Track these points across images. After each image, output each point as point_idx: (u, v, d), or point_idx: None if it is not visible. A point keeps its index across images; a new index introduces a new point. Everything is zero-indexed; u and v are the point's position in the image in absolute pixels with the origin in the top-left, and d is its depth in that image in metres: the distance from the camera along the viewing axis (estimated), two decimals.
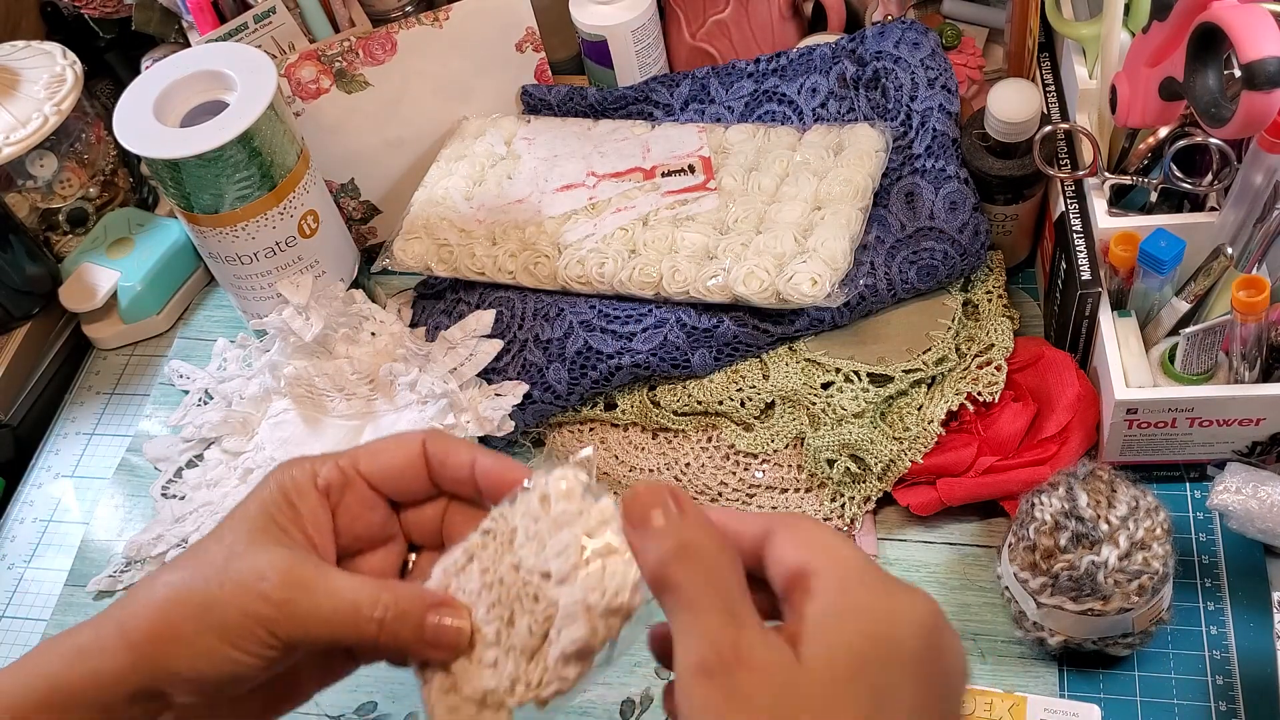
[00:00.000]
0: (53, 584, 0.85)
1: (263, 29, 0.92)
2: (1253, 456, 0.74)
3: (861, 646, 0.39)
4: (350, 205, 0.97)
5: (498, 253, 0.87)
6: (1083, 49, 0.81)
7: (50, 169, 0.98)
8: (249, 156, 0.80)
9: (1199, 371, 0.71)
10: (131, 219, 1.00)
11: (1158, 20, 0.67)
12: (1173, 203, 0.76)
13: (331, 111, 0.91)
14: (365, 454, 0.49)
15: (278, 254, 0.86)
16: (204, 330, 0.98)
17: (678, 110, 0.93)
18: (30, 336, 0.97)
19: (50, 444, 0.95)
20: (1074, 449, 0.75)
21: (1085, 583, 0.64)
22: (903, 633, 0.40)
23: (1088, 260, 0.74)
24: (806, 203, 0.82)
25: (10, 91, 0.96)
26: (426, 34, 0.91)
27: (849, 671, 0.39)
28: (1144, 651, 0.69)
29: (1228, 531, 0.72)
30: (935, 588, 0.74)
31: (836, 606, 0.40)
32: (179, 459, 0.89)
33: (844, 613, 0.40)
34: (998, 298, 0.83)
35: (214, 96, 0.84)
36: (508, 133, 0.94)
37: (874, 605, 0.41)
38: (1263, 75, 0.59)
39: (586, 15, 0.93)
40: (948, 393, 0.78)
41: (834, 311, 0.80)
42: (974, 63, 0.91)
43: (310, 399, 0.87)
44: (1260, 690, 0.67)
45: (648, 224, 0.85)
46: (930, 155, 0.83)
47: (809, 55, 0.90)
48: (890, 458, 0.76)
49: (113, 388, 0.97)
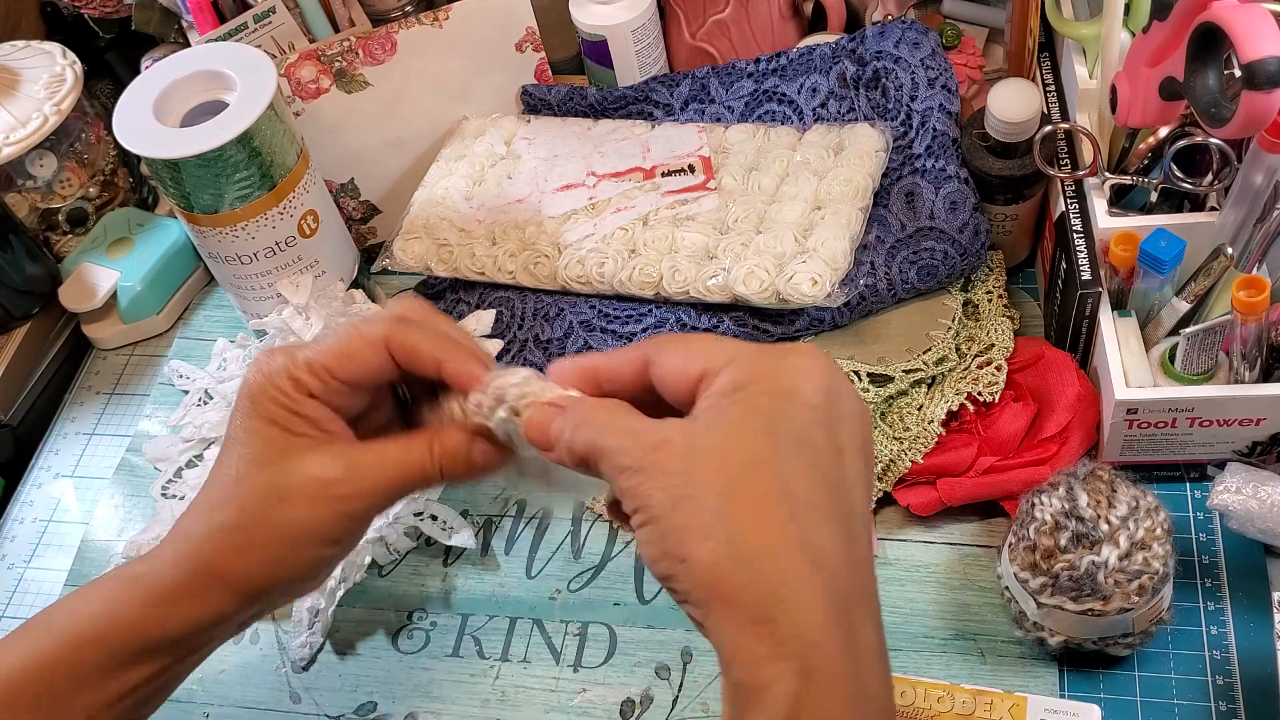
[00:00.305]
0: (53, 584, 0.85)
1: (262, 29, 0.92)
2: (1253, 456, 0.74)
3: (760, 402, 0.45)
4: (350, 205, 0.97)
5: (498, 253, 0.87)
6: (1083, 49, 0.81)
7: (50, 169, 0.98)
8: (249, 156, 0.80)
9: (1199, 371, 0.71)
10: (131, 219, 1.00)
11: (1158, 20, 0.67)
12: (1173, 203, 0.76)
13: (331, 111, 0.91)
14: (334, 360, 0.52)
15: (277, 254, 0.86)
16: (204, 330, 0.98)
17: (678, 110, 0.93)
18: (30, 336, 0.97)
19: (50, 444, 0.95)
20: (1074, 449, 0.75)
21: (1085, 583, 0.64)
22: (797, 383, 0.45)
23: (1088, 260, 0.74)
24: (806, 203, 0.82)
25: (10, 91, 0.96)
26: (426, 34, 0.91)
27: (748, 425, 0.44)
28: (1144, 652, 0.69)
29: (1228, 531, 0.72)
30: (935, 588, 0.74)
31: (732, 380, 0.46)
32: (179, 459, 0.89)
33: (739, 383, 0.45)
34: (998, 298, 0.83)
35: (214, 96, 0.84)
36: (508, 133, 0.94)
37: (765, 366, 0.46)
38: (1263, 75, 0.59)
39: (586, 15, 0.93)
40: (948, 393, 0.78)
41: (834, 311, 0.80)
42: (974, 62, 0.91)
43: None
44: (1260, 690, 0.67)
45: (648, 224, 0.85)
46: (930, 155, 0.83)
47: (809, 55, 0.90)
48: (890, 458, 0.76)
49: (113, 388, 0.97)
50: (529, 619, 0.77)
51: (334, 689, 0.76)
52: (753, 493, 0.44)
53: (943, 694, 0.66)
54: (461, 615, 0.78)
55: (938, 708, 0.65)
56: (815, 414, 0.45)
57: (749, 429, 0.44)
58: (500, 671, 0.75)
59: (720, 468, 0.44)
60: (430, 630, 0.78)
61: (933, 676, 0.69)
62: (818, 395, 0.46)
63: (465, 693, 0.75)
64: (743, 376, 0.46)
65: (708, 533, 0.43)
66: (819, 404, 0.45)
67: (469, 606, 0.78)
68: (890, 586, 0.74)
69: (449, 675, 0.76)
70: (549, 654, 0.76)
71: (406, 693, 0.75)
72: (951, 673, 0.70)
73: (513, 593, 0.79)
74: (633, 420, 0.47)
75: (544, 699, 0.74)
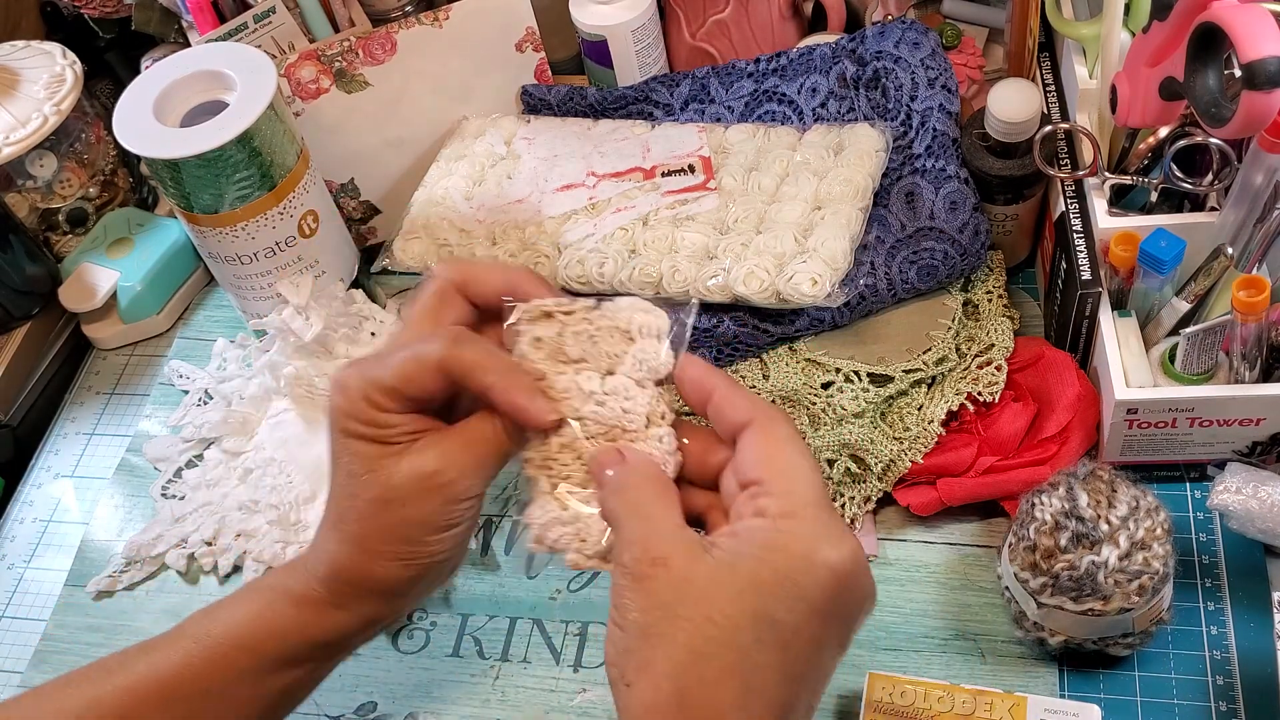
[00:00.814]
0: (52, 584, 0.85)
1: (262, 29, 0.92)
2: (1253, 456, 0.74)
3: (767, 579, 0.46)
4: (350, 205, 0.97)
5: (498, 253, 0.87)
6: (1083, 49, 0.81)
7: (50, 169, 0.98)
8: (249, 156, 0.80)
9: (1199, 371, 0.71)
10: (131, 219, 1.00)
11: (1158, 20, 0.67)
12: (1173, 203, 0.76)
13: (331, 111, 0.91)
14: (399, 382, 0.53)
15: (277, 254, 0.86)
16: (204, 330, 0.98)
17: (678, 110, 0.93)
18: (30, 336, 0.97)
19: (50, 444, 0.95)
20: (1074, 449, 0.75)
21: (1085, 583, 0.64)
22: (808, 580, 0.46)
23: (1088, 260, 0.74)
24: (807, 202, 0.82)
25: (10, 91, 0.96)
26: (426, 34, 0.91)
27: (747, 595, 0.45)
28: (1144, 652, 0.69)
29: (1228, 531, 0.72)
30: (935, 588, 0.74)
31: (763, 535, 0.47)
32: (179, 459, 0.89)
33: (767, 545, 0.47)
34: (998, 298, 0.83)
35: (214, 96, 0.84)
36: (508, 132, 0.94)
37: (794, 548, 0.46)
38: (1263, 75, 0.59)
39: (586, 15, 0.93)
40: (948, 393, 0.78)
41: (834, 311, 0.80)
42: (974, 62, 0.91)
43: (310, 399, 0.87)
44: (1260, 690, 0.67)
45: (648, 224, 0.85)
46: (930, 155, 0.83)
47: (809, 55, 0.90)
48: (890, 458, 0.76)
49: (112, 388, 0.97)
50: (529, 619, 0.77)
51: (334, 689, 0.76)
52: (715, 666, 0.45)
53: (943, 694, 0.66)
54: (461, 615, 0.78)
55: (938, 708, 0.65)
56: (815, 611, 0.46)
57: (746, 600, 0.45)
58: (500, 671, 0.75)
59: (698, 626, 0.45)
60: (430, 630, 0.78)
61: (933, 676, 0.69)
62: (828, 597, 0.46)
63: (465, 693, 0.75)
64: (780, 538, 0.47)
65: (659, 679, 0.45)
66: (826, 606, 0.46)
67: (469, 606, 0.78)
68: (891, 586, 0.74)
69: (449, 675, 0.76)
70: (549, 654, 0.76)
71: (406, 693, 0.75)
72: (951, 673, 0.70)
73: (513, 593, 0.79)
74: (660, 512, 0.49)
75: (544, 699, 0.74)
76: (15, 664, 0.82)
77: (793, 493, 0.48)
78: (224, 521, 0.83)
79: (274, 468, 0.84)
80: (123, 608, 0.83)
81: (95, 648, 0.81)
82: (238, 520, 0.83)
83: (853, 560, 0.47)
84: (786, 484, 0.48)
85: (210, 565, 0.83)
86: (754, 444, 0.50)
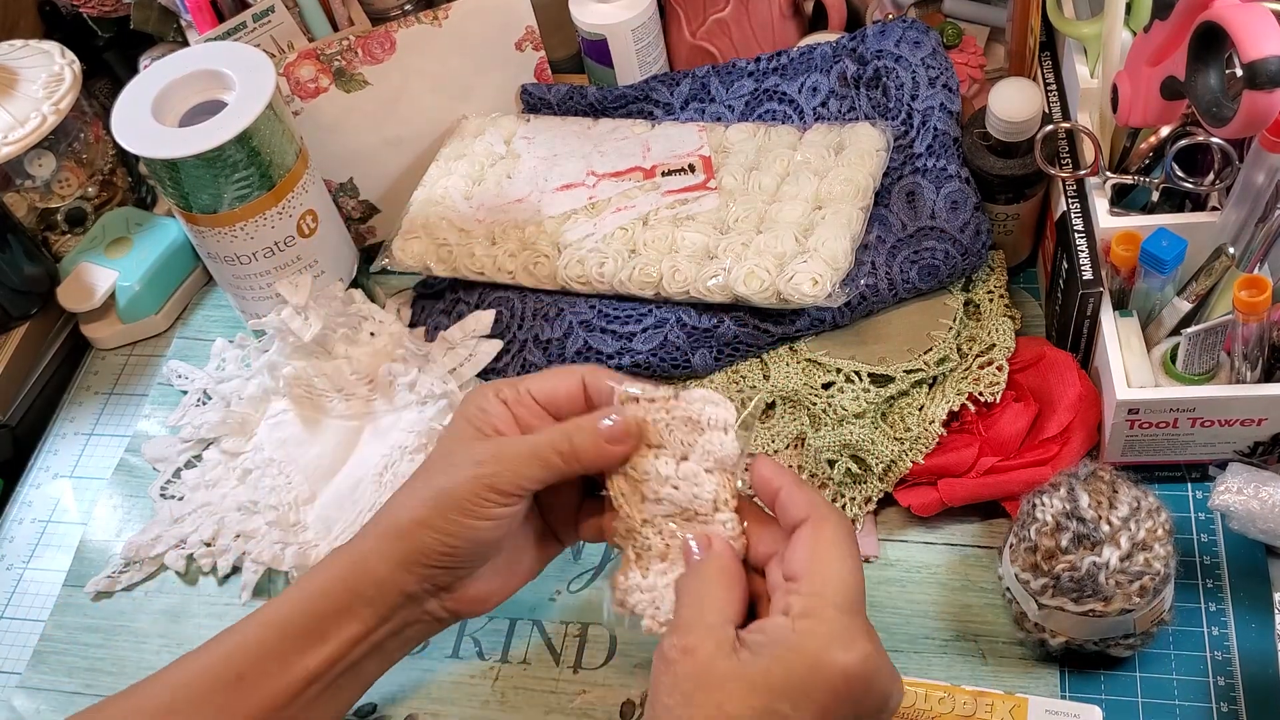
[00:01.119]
0: (51, 584, 0.85)
1: (261, 28, 0.91)
2: (1254, 457, 0.73)
3: (778, 677, 0.50)
4: (349, 205, 0.97)
5: (497, 252, 0.87)
6: (1084, 48, 0.80)
7: (48, 168, 0.98)
8: (247, 156, 0.80)
9: (1201, 371, 0.70)
10: (130, 218, 1.00)
11: (1159, 19, 0.67)
12: (1174, 202, 0.76)
13: (330, 111, 0.91)
14: (535, 380, 0.63)
15: (276, 254, 0.86)
16: (202, 330, 0.98)
17: (678, 109, 0.93)
18: (28, 336, 0.97)
19: (49, 444, 0.95)
20: (1075, 449, 0.75)
21: (1087, 584, 0.64)
22: (816, 680, 0.50)
23: (1089, 260, 0.74)
24: (807, 202, 0.82)
25: (8, 91, 0.96)
26: (426, 33, 0.91)
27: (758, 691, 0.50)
28: (1145, 652, 0.69)
29: (1229, 532, 0.72)
30: (936, 589, 0.74)
31: (781, 634, 0.52)
32: (177, 459, 0.88)
33: (784, 644, 0.51)
34: (999, 297, 0.82)
35: (212, 96, 0.84)
36: (507, 132, 0.94)
37: (808, 648, 0.51)
38: (1264, 74, 0.59)
39: (586, 14, 0.93)
40: (949, 393, 0.78)
41: (835, 311, 0.80)
42: (975, 61, 0.91)
43: (309, 399, 0.87)
44: (1262, 691, 0.67)
45: (648, 223, 0.84)
46: (931, 154, 0.83)
47: (809, 54, 0.90)
48: (891, 458, 0.76)
49: (111, 388, 0.97)
50: (529, 620, 0.77)
51: None
52: None
53: (944, 695, 0.65)
54: None
55: (939, 709, 0.65)
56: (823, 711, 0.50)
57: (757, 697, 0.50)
58: (500, 672, 0.75)
59: (710, 714, 0.50)
60: None
61: (934, 678, 0.69)
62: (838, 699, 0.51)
63: (465, 693, 0.75)
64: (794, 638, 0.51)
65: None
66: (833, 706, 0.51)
67: None
68: (891, 587, 0.74)
69: (449, 676, 0.76)
70: (549, 655, 0.75)
71: (406, 693, 0.75)
72: (952, 674, 0.70)
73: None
74: (713, 603, 0.54)
75: (544, 700, 0.73)
76: (14, 664, 0.82)
77: (819, 594, 0.52)
78: (223, 522, 0.83)
79: (273, 468, 0.84)
80: (121, 608, 0.83)
81: (94, 648, 0.81)
82: (236, 521, 0.83)
83: (864, 662, 0.51)
84: (818, 584, 0.53)
85: (209, 566, 0.82)
86: (802, 541, 0.54)
